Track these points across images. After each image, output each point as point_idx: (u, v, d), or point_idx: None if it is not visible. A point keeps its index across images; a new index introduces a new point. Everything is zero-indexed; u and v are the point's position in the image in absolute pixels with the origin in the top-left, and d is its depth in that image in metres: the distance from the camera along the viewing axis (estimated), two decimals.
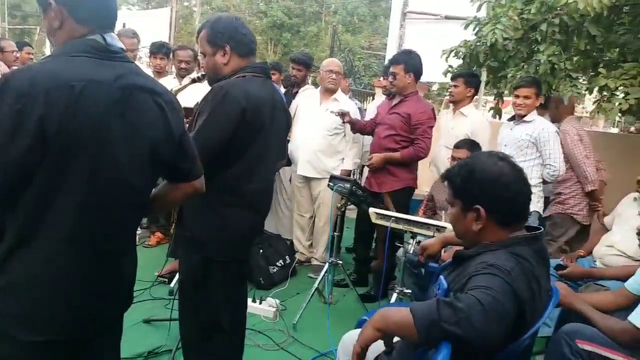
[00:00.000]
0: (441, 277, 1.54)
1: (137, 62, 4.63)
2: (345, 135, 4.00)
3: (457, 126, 3.66)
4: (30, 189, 1.16)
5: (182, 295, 2.13)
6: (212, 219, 1.99)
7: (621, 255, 2.93)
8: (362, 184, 3.70)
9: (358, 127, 3.87)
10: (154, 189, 1.48)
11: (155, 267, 3.49)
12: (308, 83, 4.64)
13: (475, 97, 4.04)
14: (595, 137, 6.83)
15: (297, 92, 4.38)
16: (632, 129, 8.32)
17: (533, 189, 3.18)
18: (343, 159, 4.01)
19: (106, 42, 1.27)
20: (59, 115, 1.13)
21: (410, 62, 3.59)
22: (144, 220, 4.56)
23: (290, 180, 4.33)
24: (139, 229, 4.47)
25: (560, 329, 2.19)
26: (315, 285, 3.31)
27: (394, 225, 2.70)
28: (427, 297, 1.72)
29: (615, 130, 17.05)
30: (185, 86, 2.83)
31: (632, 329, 2.05)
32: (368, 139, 4.02)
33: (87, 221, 1.24)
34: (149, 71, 4.61)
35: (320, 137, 3.93)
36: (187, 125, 2.05)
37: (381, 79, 4.47)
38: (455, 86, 3.73)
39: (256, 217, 2.16)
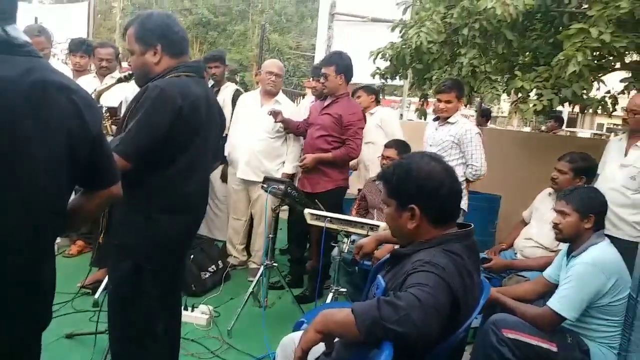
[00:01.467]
0: (379, 276, 1.57)
1: (52, 60, 4.35)
2: (287, 139, 3.97)
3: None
4: None
5: (112, 306, 2.00)
6: (143, 225, 1.89)
7: (538, 247, 3.14)
8: (296, 185, 3.69)
9: (292, 127, 3.85)
10: (69, 201, 1.37)
11: (77, 278, 3.26)
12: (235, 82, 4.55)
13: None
14: (512, 135, 7.31)
15: (218, 91, 4.24)
16: (544, 127, 8.98)
17: None
18: (283, 162, 3.98)
19: (8, 34, 1.16)
20: None
21: (342, 63, 3.64)
22: None
23: (222, 180, 4.21)
24: (58, 238, 4.18)
25: (488, 319, 2.31)
26: (250, 289, 3.26)
27: (329, 225, 2.71)
28: (363, 296, 1.75)
29: (527, 129, 18.33)
30: (110, 86, 2.69)
31: (550, 313, 2.21)
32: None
33: None
34: (66, 69, 4.33)
35: (261, 139, 3.87)
36: (116, 127, 1.94)
37: (311, 79, 4.47)
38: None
39: (192, 221, 2.09)
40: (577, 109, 4.16)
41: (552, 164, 3.23)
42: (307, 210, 2.81)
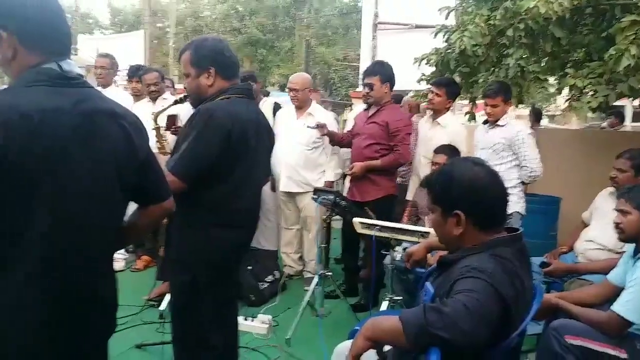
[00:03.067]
0: (427, 283, 1.59)
1: (114, 86, 4.65)
2: (324, 148, 4.04)
3: (435, 137, 3.71)
4: (0, 220, 1.17)
5: (172, 318, 2.13)
6: (199, 240, 2.00)
7: (601, 249, 3.01)
8: (345, 194, 3.74)
9: (336, 140, 3.92)
10: (125, 218, 1.47)
11: (144, 291, 3.46)
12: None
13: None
14: (568, 134, 7.03)
15: None
16: (605, 124, 8.55)
17: (512, 190, 3.32)
18: (324, 171, 4.05)
19: (62, 69, 1.27)
20: (19, 147, 1.14)
21: (385, 72, 3.69)
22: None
23: (273, 189, 4.30)
24: (125, 253, 4.44)
25: (549, 325, 2.25)
26: (306, 298, 3.32)
27: (378, 233, 2.74)
28: (417, 303, 1.76)
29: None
30: (166, 108, 2.87)
31: (616, 318, 2.11)
32: (345, 148, 4.06)
33: (56, 250, 1.23)
34: (126, 95, 4.60)
35: (299, 152, 3.98)
36: (175, 136, 2.06)
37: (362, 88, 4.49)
38: (437, 95, 3.70)
39: (244, 235, 2.18)
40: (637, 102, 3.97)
41: (613, 162, 3.10)
42: (356, 219, 2.85)
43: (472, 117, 4.64)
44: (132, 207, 1.51)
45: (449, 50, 3.92)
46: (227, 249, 2.06)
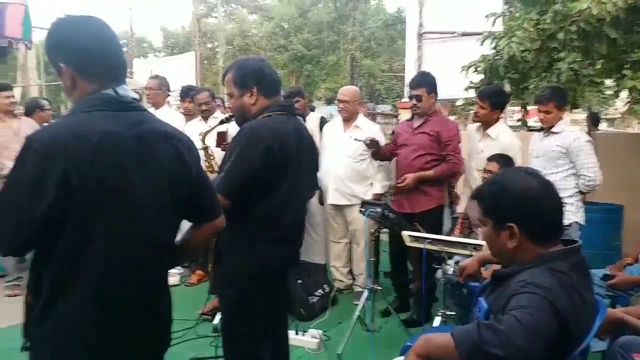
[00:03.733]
0: (481, 298, 1.54)
1: (167, 106, 4.84)
2: (372, 160, 4.03)
3: (486, 149, 3.60)
4: (61, 242, 1.23)
5: (224, 332, 2.17)
6: (246, 254, 2.03)
7: None
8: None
9: (381, 153, 3.89)
10: (179, 237, 1.52)
11: (198, 305, 3.55)
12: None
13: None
14: (629, 138, 6.67)
15: (304, 122, 4.43)
16: None
17: (569, 200, 3.19)
18: (372, 183, 4.03)
19: (118, 94, 1.34)
20: (80, 169, 1.20)
21: (430, 83, 3.68)
22: None
23: (321, 203, 4.30)
24: (180, 268, 4.57)
25: (615, 342, 2.12)
26: (357, 313, 3.29)
27: (429, 246, 2.69)
28: (470, 319, 1.71)
29: None
30: (213, 128, 2.95)
31: None
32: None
33: (115, 269, 1.29)
34: (178, 114, 4.77)
35: (346, 164, 3.98)
36: (224, 152, 2.13)
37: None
38: (481, 107, 3.64)
39: (291, 250, 2.20)
40: None
41: None
42: (405, 233, 2.81)
43: (524, 124, 4.50)
44: (185, 224, 1.56)
45: (497, 57, 3.83)
46: (274, 263, 2.08)
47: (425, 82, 3.68)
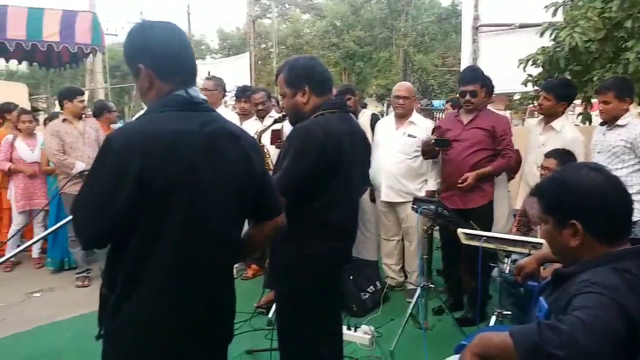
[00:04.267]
0: (541, 298, 1.49)
1: (223, 107, 4.98)
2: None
3: (548, 142, 3.46)
4: (135, 237, 1.30)
5: (278, 326, 2.21)
6: (300, 250, 2.06)
7: None
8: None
9: (434, 152, 3.82)
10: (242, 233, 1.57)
11: (253, 299, 3.64)
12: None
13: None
14: None
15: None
16: None
17: (636, 197, 3.01)
18: (425, 180, 3.98)
19: (189, 95, 1.41)
20: (154, 167, 1.26)
21: (483, 77, 3.65)
22: None
23: (372, 200, 4.28)
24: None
25: None
26: (409, 310, 3.27)
27: (485, 245, 2.63)
28: (529, 319, 1.66)
29: None
30: (268, 127, 3.02)
31: None
32: None
33: (184, 263, 1.35)
34: (234, 114, 4.89)
35: (399, 161, 3.95)
36: (279, 149, 2.18)
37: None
38: (546, 99, 3.48)
39: (343, 246, 2.22)
40: None
41: None
42: (460, 230, 2.76)
43: (587, 118, 4.29)
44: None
45: (558, 49, 3.68)
46: (327, 259, 2.11)
47: (479, 77, 3.64)
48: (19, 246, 3.57)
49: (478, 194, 3.57)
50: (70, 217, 1.39)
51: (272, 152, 3.90)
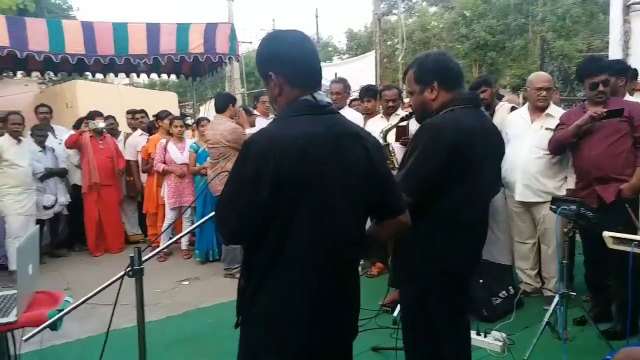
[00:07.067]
0: None
1: (347, 107, 5.09)
2: (567, 150, 3.65)
3: None
4: (270, 234, 1.40)
5: (404, 326, 2.21)
6: (426, 251, 2.04)
7: None
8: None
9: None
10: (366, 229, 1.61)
11: (379, 297, 3.68)
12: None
13: None
14: None
15: (493, 113, 4.18)
16: None
17: None
18: (566, 177, 3.66)
19: (316, 99, 1.48)
20: (289, 169, 1.35)
21: (609, 64, 3.44)
22: None
23: (506, 199, 4.07)
24: (361, 260, 4.78)
25: None
26: (545, 318, 3.05)
27: (637, 250, 2.35)
28: None
29: None
30: (394, 126, 3.04)
31: None
32: None
33: (313, 258, 1.43)
34: (358, 114, 4.97)
35: (537, 157, 3.67)
36: (404, 146, 2.17)
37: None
38: None
39: (472, 246, 2.15)
40: None
41: None
42: (606, 233, 2.49)
43: None
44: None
45: None
46: (454, 259, 2.05)
47: (606, 65, 3.38)
48: (170, 239, 4.02)
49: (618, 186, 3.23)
50: (212, 213, 1.55)
51: (398, 150, 3.90)
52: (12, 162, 5.08)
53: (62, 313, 1.82)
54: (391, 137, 3.86)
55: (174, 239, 3.19)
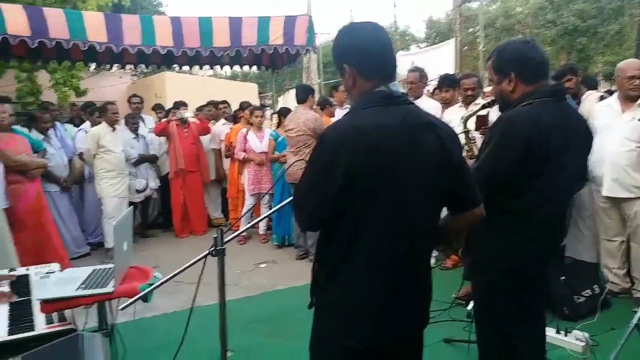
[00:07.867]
0: None
1: (425, 96, 5.01)
2: None
3: None
4: (344, 222, 1.44)
5: (476, 319, 2.18)
6: (497, 247, 2.00)
7: None
8: None
9: None
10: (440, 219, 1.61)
11: (452, 289, 3.63)
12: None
13: None
14: None
15: (579, 103, 3.97)
16: None
17: None
18: None
19: (390, 90, 1.49)
20: (361, 160, 1.38)
21: None
22: None
23: (592, 193, 3.84)
24: (435, 251, 4.72)
25: None
26: (634, 321, 2.86)
27: None
28: None
29: None
30: (475, 112, 2.97)
31: None
32: None
33: (387, 247, 1.45)
34: (435, 104, 4.88)
35: (628, 150, 3.44)
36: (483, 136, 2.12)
37: None
38: None
39: (547, 244, 2.07)
40: None
41: None
42: None
43: None
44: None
45: None
46: (522, 259, 1.99)
47: None
48: (249, 223, 4.21)
49: None
50: (290, 199, 1.62)
51: (478, 139, 3.78)
52: (108, 148, 5.53)
53: (152, 287, 2.00)
54: (471, 125, 3.76)
55: (253, 222, 3.35)
